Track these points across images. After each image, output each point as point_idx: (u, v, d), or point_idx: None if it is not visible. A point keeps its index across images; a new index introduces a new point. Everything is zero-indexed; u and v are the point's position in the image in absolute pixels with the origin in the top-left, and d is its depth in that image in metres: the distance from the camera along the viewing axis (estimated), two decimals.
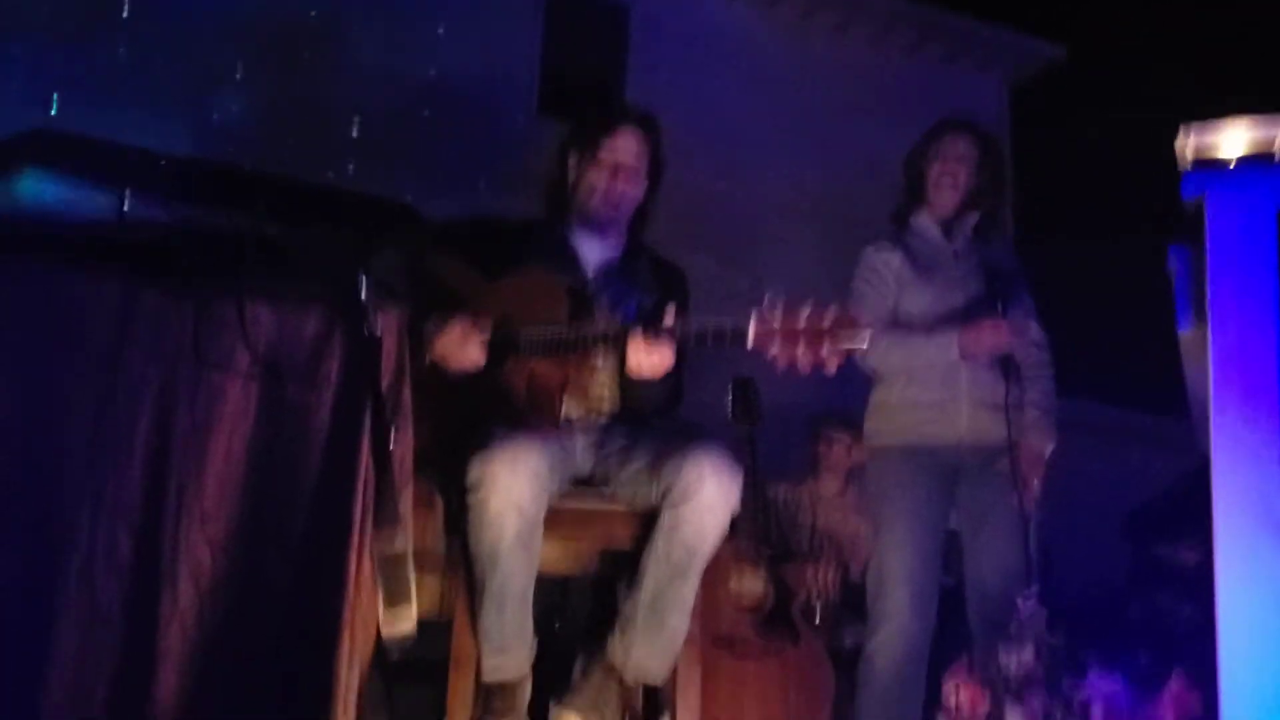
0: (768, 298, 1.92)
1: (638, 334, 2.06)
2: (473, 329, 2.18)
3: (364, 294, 1.58)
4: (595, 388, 2.35)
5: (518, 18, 7.00)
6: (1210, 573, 1.63)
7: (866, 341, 1.90)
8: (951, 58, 8.24)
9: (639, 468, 2.21)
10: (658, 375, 2.09)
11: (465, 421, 2.18)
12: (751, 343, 1.95)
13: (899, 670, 2.69)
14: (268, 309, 1.59)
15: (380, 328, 1.61)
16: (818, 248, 6.90)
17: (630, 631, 2.14)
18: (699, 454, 2.13)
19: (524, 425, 2.17)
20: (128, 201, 1.65)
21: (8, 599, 1.48)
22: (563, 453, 2.24)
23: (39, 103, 5.43)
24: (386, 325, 1.63)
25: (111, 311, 1.53)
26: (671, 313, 2.09)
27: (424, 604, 2.31)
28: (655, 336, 2.04)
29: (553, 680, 2.19)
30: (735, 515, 2.19)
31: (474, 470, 2.03)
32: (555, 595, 3.05)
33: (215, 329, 1.56)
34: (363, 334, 1.58)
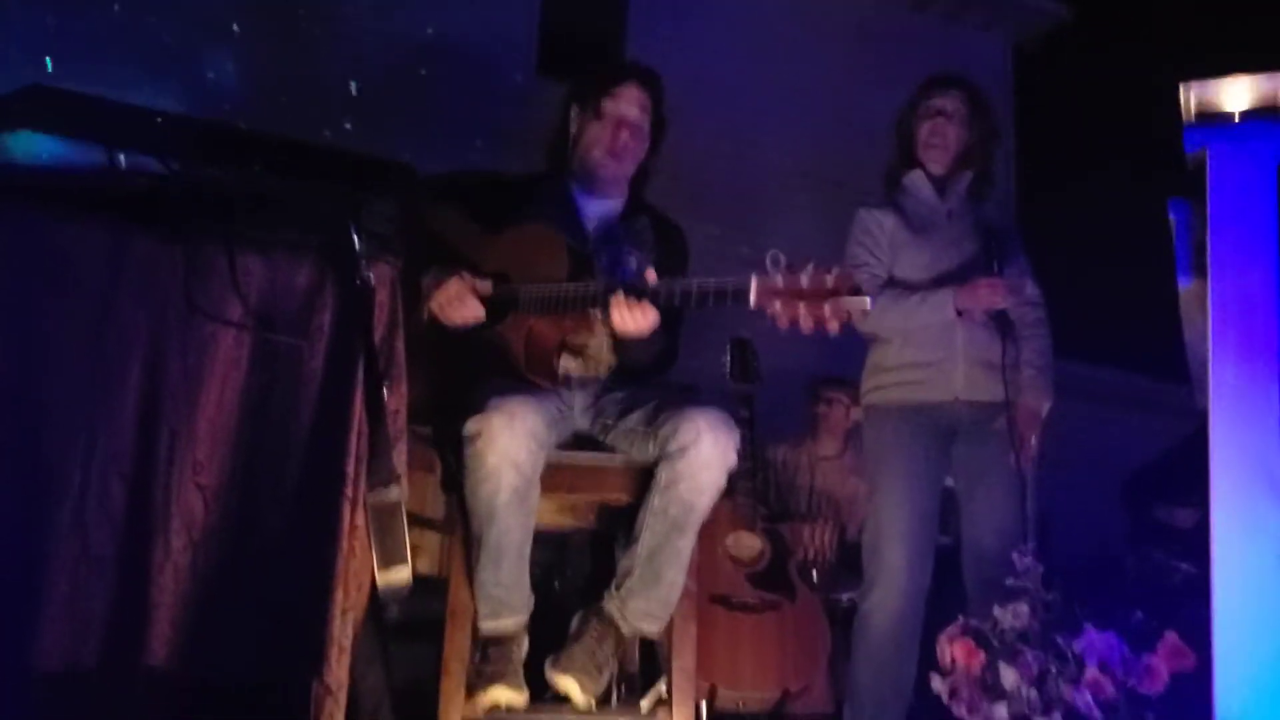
0: (770, 256, 1.92)
1: (620, 294, 2.05)
2: (470, 286, 2.17)
3: (356, 245, 1.57)
4: (593, 345, 2.35)
5: None
6: (1207, 533, 1.63)
7: (869, 303, 1.89)
8: (955, 17, 8.14)
9: (637, 424, 2.22)
10: (643, 333, 2.09)
11: (463, 378, 2.18)
12: (754, 301, 1.94)
13: (894, 628, 2.71)
14: (259, 259, 1.58)
15: (373, 279, 1.60)
16: (819, 210, 6.85)
17: (627, 585, 2.16)
18: (696, 411, 2.14)
19: (522, 382, 2.17)
20: (122, 159, 1.63)
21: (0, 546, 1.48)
22: (561, 409, 2.25)
23: (34, 60, 5.38)
24: (380, 277, 1.62)
25: (101, 258, 1.52)
26: (651, 273, 2.09)
27: (423, 562, 2.33)
28: (637, 297, 2.04)
29: (551, 640, 2.20)
30: (733, 473, 2.20)
31: (471, 426, 2.03)
32: (554, 553, 3.07)
33: (206, 278, 1.56)
34: (355, 285, 1.57)
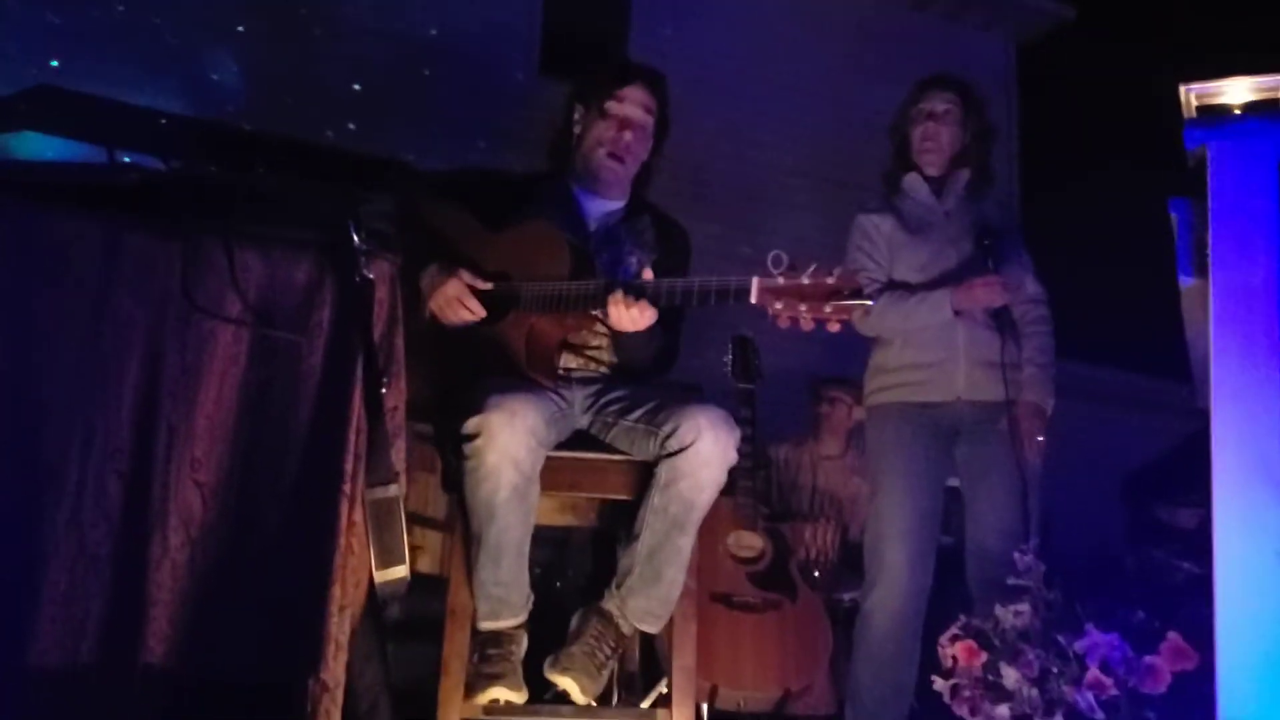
0: (772, 256, 1.92)
1: (618, 292, 2.07)
2: (468, 285, 2.17)
3: (356, 242, 1.57)
4: (595, 343, 2.35)
5: None
6: (1209, 532, 1.63)
7: (871, 301, 1.90)
8: (956, 16, 8.14)
9: (638, 422, 2.21)
10: (639, 330, 2.10)
11: (464, 375, 2.18)
12: (754, 300, 1.95)
13: (895, 628, 2.71)
14: (258, 255, 1.58)
15: (373, 276, 1.60)
16: (820, 209, 6.85)
17: (627, 584, 2.15)
18: (697, 409, 2.14)
19: (523, 380, 2.17)
20: (125, 158, 1.63)
21: None
22: (561, 407, 2.25)
23: (38, 60, 5.39)
24: (379, 274, 1.62)
25: (99, 254, 1.52)
26: (649, 273, 2.10)
27: (424, 561, 2.33)
28: (635, 296, 2.06)
29: (552, 639, 2.20)
30: (733, 471, 2.20)
31: (471, 424, 2.03)
32: (554, 551, 3.07)
33: (204, 274, 1.56)
34: (354, 282, 1.57)
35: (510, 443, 2.02)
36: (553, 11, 6.96)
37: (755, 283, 1.94)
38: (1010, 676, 2.04)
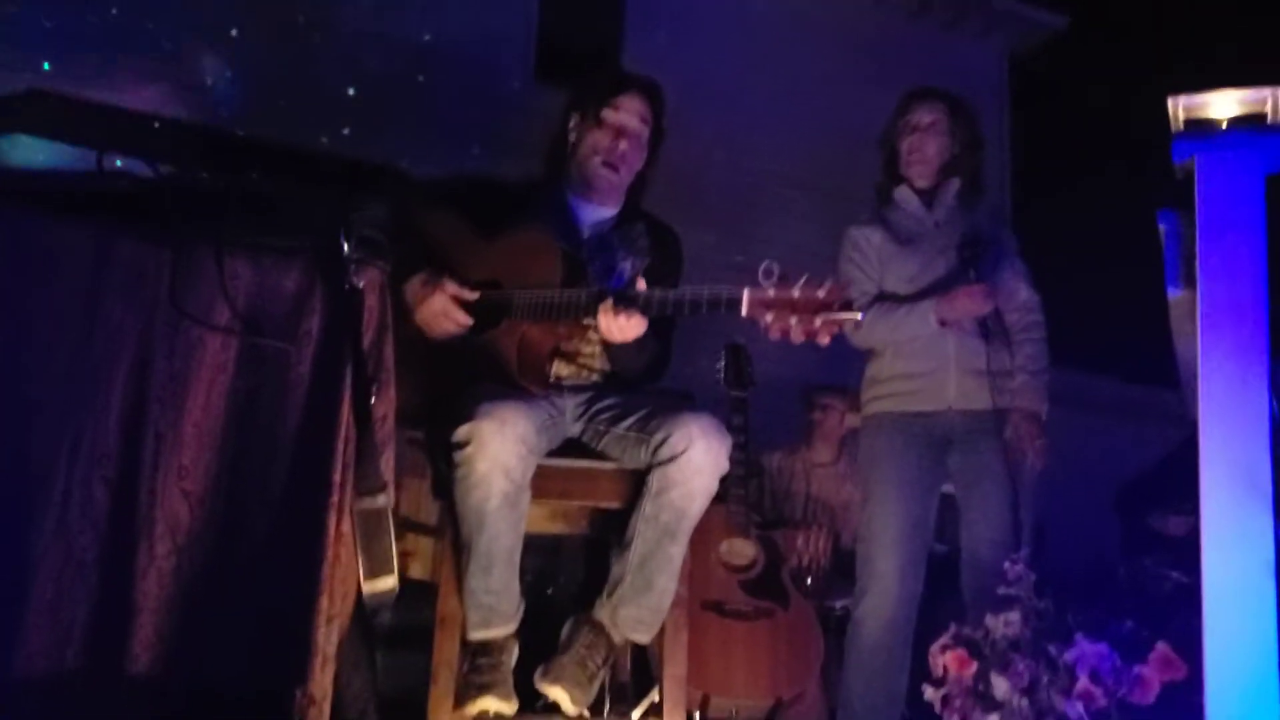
0: (764, 268, 1.93)
1: (609, 301, 2.06)
2: (454, 297, 2.17)
3: (346, 249, 1.57)
4: (587, 351, 2.35)
5: None
6: (1199, 541, 1.63)
7: (860, 314, 1.92)
8: (952, 26, 8.17)
9: (629, 430, 2.21)
10: (628, 339, 2.10)
11: (456, 383, 2.18)
12: (745, 312, 1.96)
13: (886, 635, 2.72)
14: (248, 263, 1.57)
15: (362, 284, 1.60)
16: (815, 217, 6.87)
17: (618, 593, 2.15)
18: (689, 417, 2.14)
19: (514, 388, 2.17)
20: (118, 162, 1.63)
21: None
22: (552, 415, 2.25)
23: (32, 63, 5.39)
24: (369, 282, 1.62)
25: (88, 259, 1.51)
26: (641, 282, 2.10)
27: (416, 568, 2.33)
28: (626, 305, 2.06)
29: (544, 646, 2.20)
30: (725, 479, 2.20)
31: (461, 432, 2.03)
32: (547, 559, 3.06)
33: (194, 281, 1.55)
34: (344, 290, 1.57)
35: (501, 451, 2.01)
36: (548, 19, 6.97)
37: (746, 294, 1.95)
38: (1000, 686, 2.04)
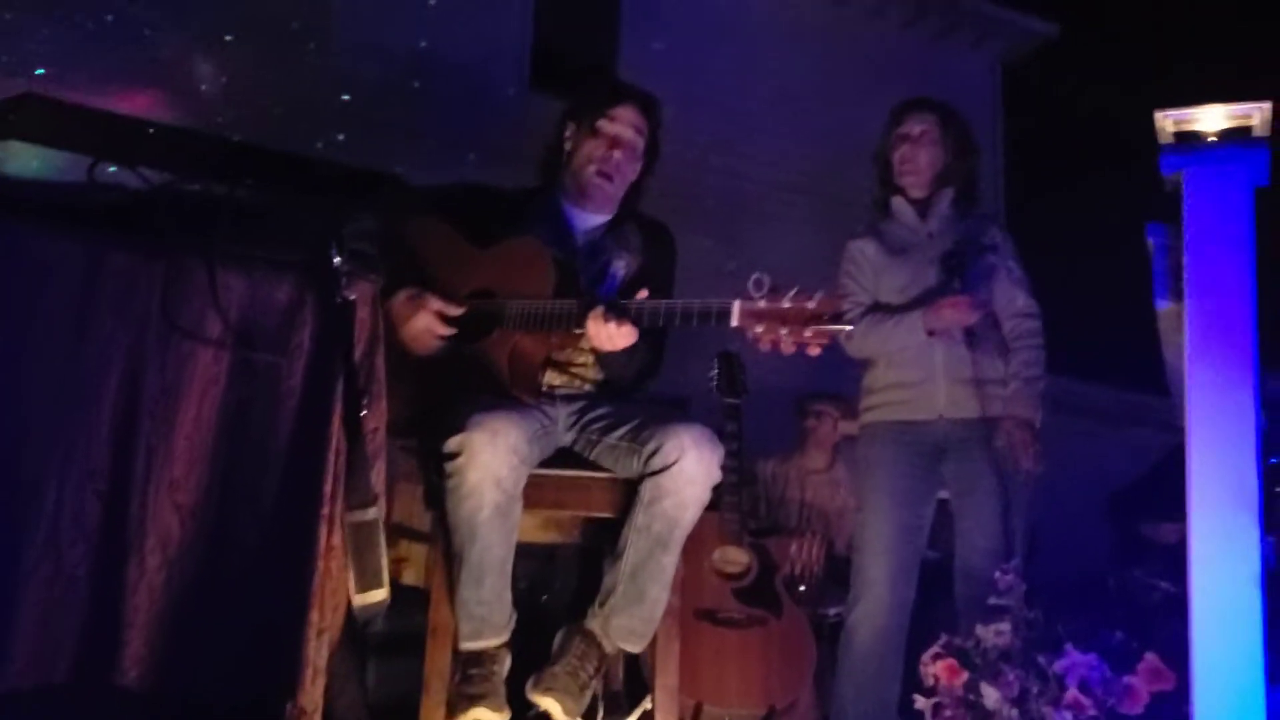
0: (754, 280, 1.93)
1: (599, 310, 2.06)
2: (437, 315, 2.17)
3: (337, 261, 1.57)
4: (579, 360, 2.35)
5: None
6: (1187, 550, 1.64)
7: (850, 326, 1.93)
8: (945, 34, 8.20)
9: (621, 440, 2.21)
10: (617, 349, 2.10)
11: (448, 393, 2.18)
12: (735, 322, 1.96)
13: (878, 643, 2.74)
14: (240, 276, 1.57)
15: (354, 297, 1.60)
16: (810, 224, 6.88)
17: (610, 602, 2.15)
18: (680, 427, 2.14)
19: (505, 398, 2.17)
20: (111, 169, 1.63)
21: None
22: (544, 425, 2.25)
23: (27, 69, 5.38)
24: (361, 294, 1.62)
25: (79, 272, 1.51)
26: (643, 292, 2.10)
27: (410, 574, 2.33)
28: (617, 315, 2.06)
29: (538, 654, 2.20)
30: (718, 487, 2.21)
31: (452, 443, 2.03)
32: (541, 566, 3.06)
33: (186, 294, 1.55)
34: (336, 303, 1.57)
35: (492, 461, 2.02)
36: (544, 27, 6.98)
37: (736, 306, 1.95)
38: (991, 696, 2.04)
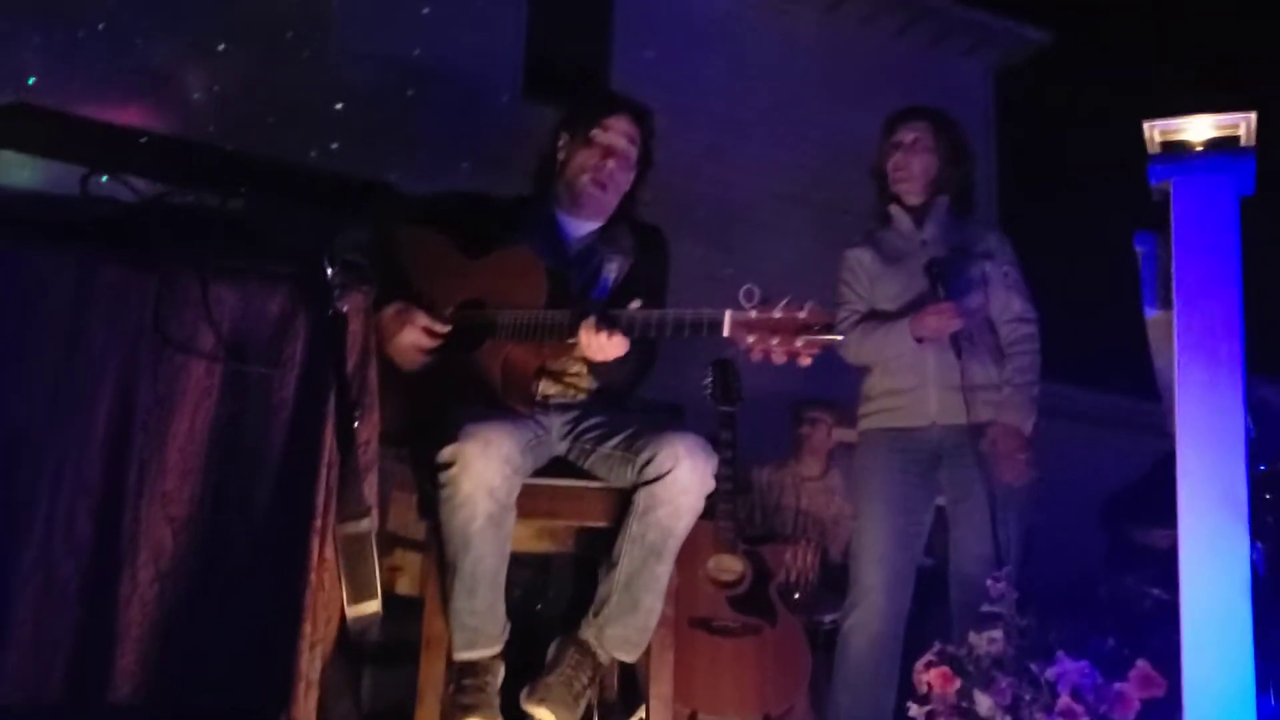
0: (744, 291, 1.94)
1: (591, 321, 2.07)
2: (424, 331, 2.17)
3: (329, 274, 1.57)
4: (573, 369, 2.35)
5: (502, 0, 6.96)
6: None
7: (841, 336, 1.94)
8: (938, 41, 8.23)
9: (615, 449, 2.22)
10: (609, 359, 2.11)
11: (441, 403, 2.18)
12: (727, 332, 1.98)
13: (873, 649, 2.75)
14: (232, 288, 1.58)
15: (346, 309, 1.60)
16: (803, 231, 6.90)
17: (604, 612, 2.15)
18: (674, 436, 2.15)
19: (498, 407, 2.17)
20: (103, 179, 1.63)
21: None
22: (538, 434, 2.25)
23: (16, 77, 5.38)
24: (353, 306, 1.62)
25: (71, 286, 1.51)
26: (635, 303, 2.10)
27: (404, 583, 2.33)
28: (609, 326, 2.06)
29: (533, 663, 2.20)
30: (713, 494, 2.21)
31: (445, 453, 2.03)
32: (536, 575, 3.06)
33: (178, 307, 1.55)
34: (328, 315, 1.57)
35: (485, 471, 2.02)
36: (537, 35, 7.00)
37: (728, 316, 1.96)
38: (984, 704, 2.05)
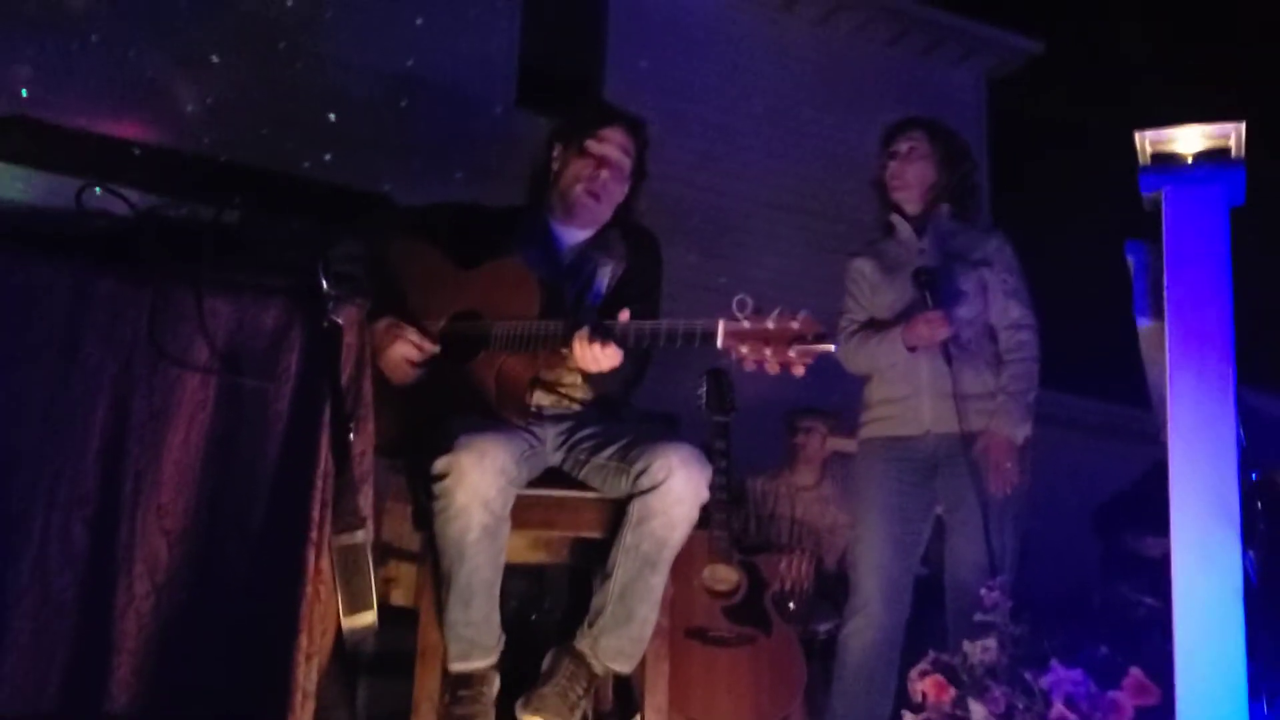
0: (737, 301, 1.95)
1: (584, 332, 2.07)
2: (414, 346, 2.17)
3: (324, 285, 1.57)
4: (568, 380, 2.35)
5: (496, 9, 6.97)
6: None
7: (833, 346, 1.96)
8: (930, 51, 8.26)
9: (610, 460, 2.22)
10: (603, 369, 2.11)
11: (435, 414, 2.18)
12: (720, 343, 1.98)
13: (870, 657, 2.76)
14: (227, 301, 1.58)
15: (341, 321, 1.60)
16: (796, 240, 6.92)
17: (599, 623, 2.15)
18: (669, 447, 2.15)
19: (493, 418, 2.18)
20: (97, 190, 1.63)
21: None
22: (532, 445, 2.25)
23: (8, 89, 5.38)
24: (348, 318, 1.63)
25: (66, 299, 1.52)
26: (625, 313, 2.10)
27: (399, 594, 2.33)
28: (602, 337, 2.06)
29: (526, 674, 2.20)
30: (708, 504, 2.22)
31: (440, 464, 2.03)
32: (531, 585, 3.06)
33: (173, 319, 1.56)
34: (323, 327, 1.58)
35: (480, 482, 2.02)
36: (530, 45, 7.02)
37: (721, 326, 1.97)
38: (978, 712, 2.05)
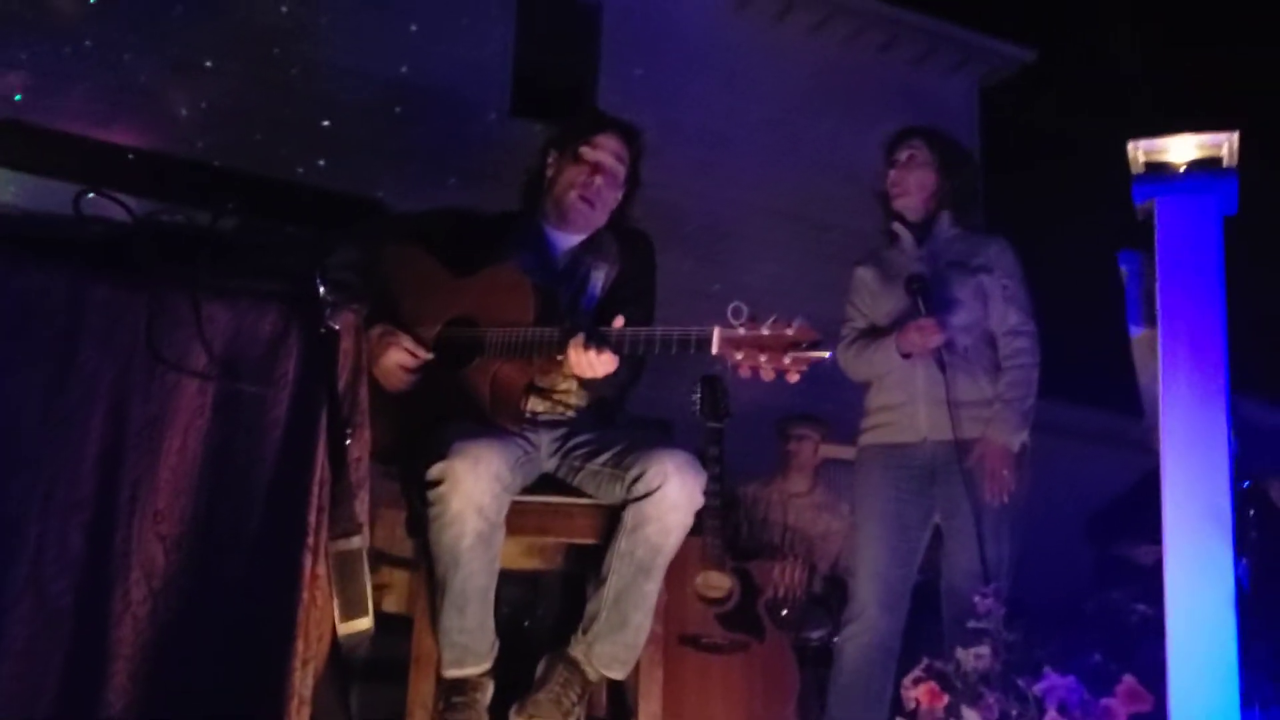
0: (732, 308, 1.96)
1: (580, 338, 2.07)
2: (407, 354, 2.18)
3: (321, 292, 1.58)
4: (562, 386, 2.36)
5: (490, 16, 6.99)
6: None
7: (828, 353, 1.97)
8: (924, 59, 8.30)
9: (604, 466, 2.22)
10: (599, 376, 2.12)
11: (430, 421, 2.18)
12: (715, 350, 1.99)
13: (866, 663, 2.77)
14: (223, 307, 1.58)
15: (338, 327, 1.61)
16: (791, 246, 6.94)
17: (593, 629, 2.16)
18: (664, 453, 2.15)
19: (487, 425, 2.18)
20: (91, 195, 1.63)
21: None
22: (527, 451, 2.25)
23: (4, 94, 5.38)
24: (344, 324, 1.63)
25: (63, 305, 1.52)
26: (620, 320, 2.11)
27: (391, 600, 2.33)
28: (598, 344, 2.07)
29: (520, 681, 2.19)
30: (701, 511, 2.22)
31: (435, 470, 2.03)
32: (525, 592, 3.06)
33: (170, 326, 1.56)
34: (320, 333, 1.58)
35: (474, 489, 2.02)
36: (525, 52, 7.04)
37: (716, 333, 1.98)
38: (971, 719, 2.05)
